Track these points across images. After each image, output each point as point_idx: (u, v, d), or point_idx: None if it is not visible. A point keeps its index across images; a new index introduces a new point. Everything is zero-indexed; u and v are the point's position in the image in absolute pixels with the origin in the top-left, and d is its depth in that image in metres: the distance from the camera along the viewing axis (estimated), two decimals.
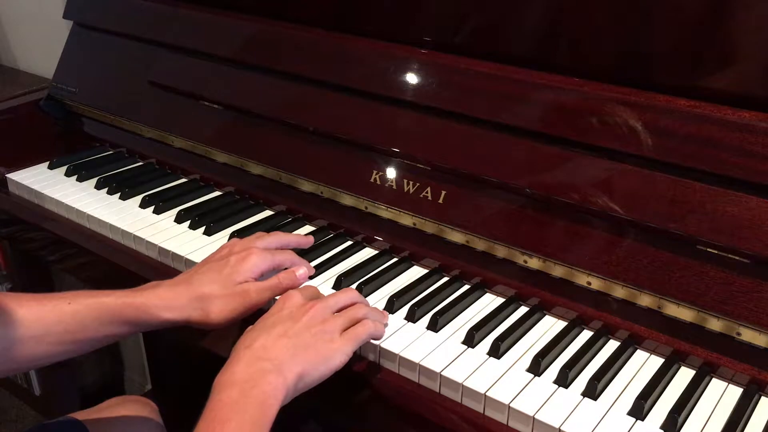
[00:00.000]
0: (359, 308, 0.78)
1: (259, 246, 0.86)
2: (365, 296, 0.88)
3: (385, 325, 0.81)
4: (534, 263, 0.86)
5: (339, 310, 0.78)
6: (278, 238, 0.91)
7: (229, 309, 0.81)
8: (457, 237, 0.92)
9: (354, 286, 0.89)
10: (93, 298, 0.80)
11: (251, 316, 0.81)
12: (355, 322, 0.76)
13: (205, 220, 1.03)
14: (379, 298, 0.87)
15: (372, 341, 0.79)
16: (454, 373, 0.75)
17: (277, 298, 0.83)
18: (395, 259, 0.96)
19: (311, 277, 0.91)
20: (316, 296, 0.81)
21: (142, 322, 0.80)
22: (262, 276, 0.85)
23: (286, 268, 0.88)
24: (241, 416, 0.64)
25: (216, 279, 0.82)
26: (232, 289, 0.81)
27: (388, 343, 0.79)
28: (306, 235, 1.00)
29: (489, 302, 0.88)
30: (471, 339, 0.80)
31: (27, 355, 0.78)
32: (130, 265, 1.01)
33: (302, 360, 0.70)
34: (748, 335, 0.75)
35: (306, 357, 0.70)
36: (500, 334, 0.80)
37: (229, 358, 0.71)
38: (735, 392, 0.74)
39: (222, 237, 1.00)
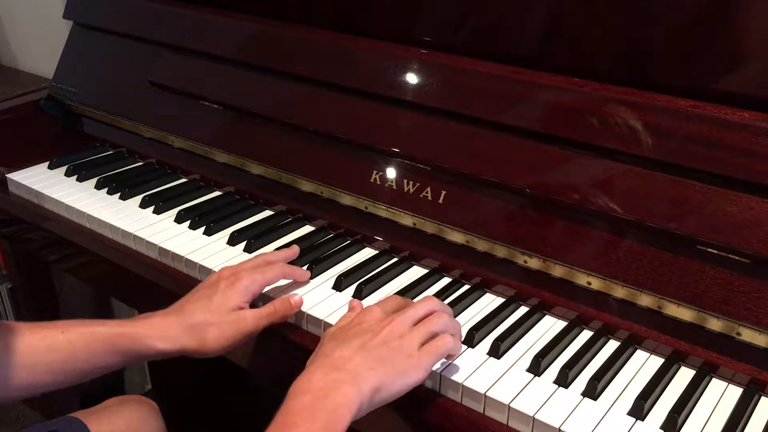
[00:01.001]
0: (437, 319, 0.76)
1: (246, 268, 0.86)
2: (365, 296, 0.88)
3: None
4: (534, 263, 0.86)
5: (419, 319, 0.76)
6: (264, 256, 0.91)
7: (225, 337, 0.80)
8: (457, 237, 0.92)
9: (354, 286, 0.89)
10: (86, 328, 0.80)
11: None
12: (434, 335, 0.75)
13: (205, 220, 1.03)
14: (378, 298, 0.87)
15: None
16: (454, 373, 0.75)
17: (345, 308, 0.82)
18: (395, 259, 0.96)
19: (310, 272, 0.91)
20: (396, 308, 0.78)
21: (136, 353, 0.80)
22: (255, 297, 0.85)
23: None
24: (311, 423, 0.64)
25: (208, 306, 0.81)
26: (227, 317, 0.81)
27: None
28: (306, 234, 1.00)
29: (489, 302, 0.88)
30: (471, 339, 0.80)
31: (19, 384, 0.78)
32: (130, 265, 1.01)
33: (379, 373, 0.69)
34: (748, 335, 0.75)
35: (383, 371, 0.69)
36: (500, 334, 0.80)
37: (308, 364, 0.71)
38: (735, 392, 0.74)
39: (222, 237, 1.00)
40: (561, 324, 0.84)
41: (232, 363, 0.93)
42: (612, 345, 0.81)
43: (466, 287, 0.90)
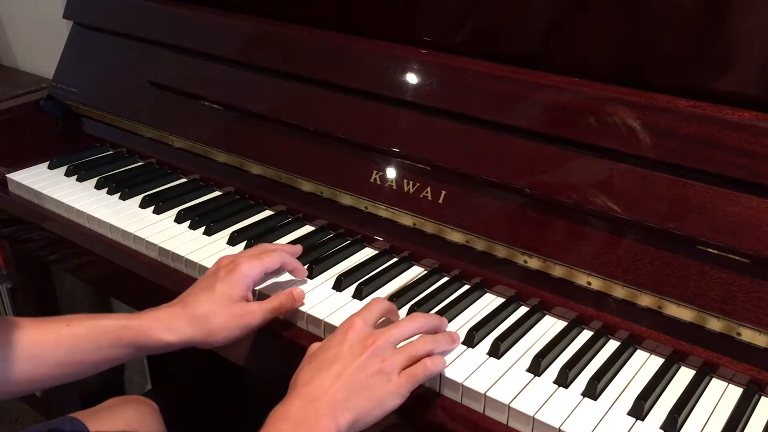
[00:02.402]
0: (422, 344, 0.75)
1: (246, 255, 0.86)
2: (365, 296, 0.88)
3: (451, 350, 0.79)
4: (534, 263, 0.86)
5: (403, 338, 0.75)
6: (262, 245, 0.91)
7: (231, 328, 0.80)
8: (457, 237, 0.92)
9: (354, 286, 0.89)
10: (92, 321, 0.80)
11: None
12: (416, 360, 0.74)
13: (205, 220, 1.03)
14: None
15: None
16: (454, 373, 0.75)
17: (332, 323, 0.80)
18: (395, 259, 0.96)
19: (310, 272, 0.91)
20: (380, 316, 0.77)
21: (142, 345, 0.80)
22: (256, 284, 0.85)
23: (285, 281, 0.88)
24: None
25: (211, 297, 0.81)
26: (232, 309, 0.81)
27: None
28: (306, 234, 1.00)
29: (489, 302, 0.88)
30: (471, 339, 0.80)
31: (25, 379, 0.77)
32: (130, 265, 1.01)
33: (357, 404, 0.69)
34: (748, 335, 0.75)
35: (361, 401, 0.69)
36: (500, 334, 0.80)
37: (290, 387, 0.71)
38: (735, 392, 0.74)
39: (222, 237, 1.00)
40: (561, 324, 0.84)
41: (232, 363, 0.93)
42: (612, 345, 0.81)
43: (466, 287, 0.90)
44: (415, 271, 0.94)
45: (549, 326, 0.84)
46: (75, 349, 0.79)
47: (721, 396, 0.74)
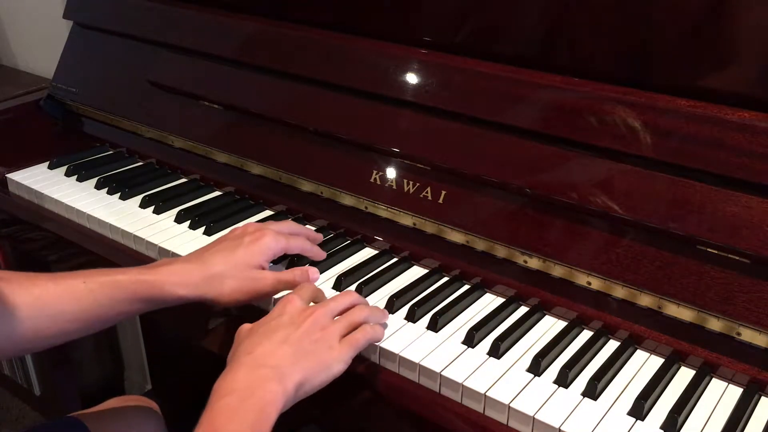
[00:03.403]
0: (358, 312, 0.78)
1: (273, 229, 0.88)
2: (365, 296, 0.88)
3: (385, 325, 0.81)
4: (534, 263, 0.86)
5: (340, 313, 0.78)
6: (291, 224, 0.93)
7: (241, 291, 0.82)
8: (457, 237, 0.92)
9: (354, 286, 0.89)
10: (107, 277, 0.81)
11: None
12: (355, 327, 0.76)
13: (205, 220, 1.03)
14: (379, 298, 0.87)
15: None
16: (454, 373, 0.75)
17: (278, 296, 0.83)
18: (395, 259, 0.96)
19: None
20: (315, 298, 0.81)
21: (156, 299, 0.81)
22: (274, 258, 0.86)
23: (296, 261, 0.88)
24: (239, 424, 0.64)
25: (229, 258, 0.83)
26: (246, 273, 0.82)
27: (389, 343, 0.79)
28: None
29: (489, 302, 0.88)
30: (471, 339, 0.80)
31: (44, 334, 0.79)
32: (130, 265, 1.01)
33: (303, 368, 0.70)
34: (748, 335, 0.75)
35: (306, 365, 0.70)
36: (500, 334, 0.80)
37: (228, 362, 0.71)
38: (735, 392, 0.74)
39: None
40: (561, 324, 0.84)
41: None
42: (612, 345, 0.81)
43: (466, 287, 0.90)
44: (415, 271, 0.94)
45: (549, 326, 0.84)
46: (91, 305, 0.80)
47: (721, 396, 0.74)
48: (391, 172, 0.97)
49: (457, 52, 0.96)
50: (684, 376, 0.76)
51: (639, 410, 0.71)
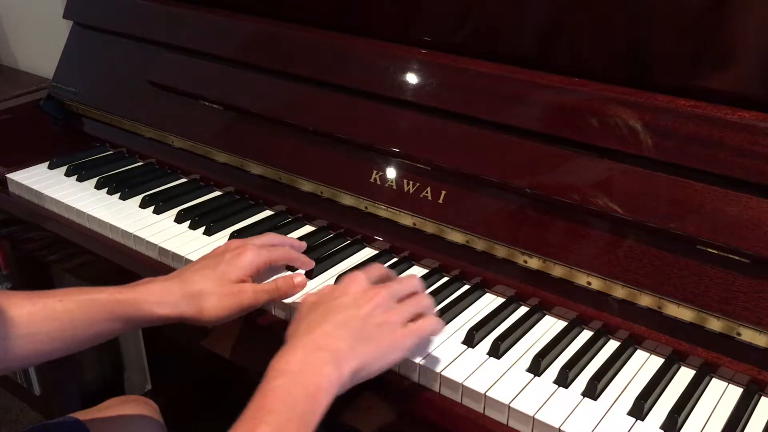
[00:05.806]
0: (422, 300, 0.75)
1: (255, 243, 0.86)
2: None
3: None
4: (534, 263, 0.86)
5: (402, 298, 0.75)
6: (272, 236, 0.91)
7: (223, 307, 0.80)
8: (457, 237, 0.92)
9: None
10: (84, 296, 0.79)
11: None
12: (418, 315, 0.74)
13: (205, 220, 1.03)
14: None
15: None
16: (454, 373, 0.75)
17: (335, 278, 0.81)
18: (395, 259, 0.96)
19: (310, 272, 0.91)
20: (380, 279, 0.78)
21: (135, 319, 0.79)
22: (258, 274, 0.85)
23: (287, 269, 0.88)
24: (290, 409, 0.62)
25: (210, 276, 0.81)
26: (228, 288, 0.80)
27: None
28: (306, 234, 1.00)
29: (489, 302, 0.88)
30: (471, 339, 0.80)
31: (18, 354, 0.77)
32: (130, 265, 1.01)
33: (361, 353, 0.68)
34: (748, 335, 0.75)
35: (366, 350, 0.68)
36: (500, 334, 0.80)
37: (287, 337, 0.69)
38: (735, 392, 0.74)
39: (222, 237, 1.00)
40: (561, 324, 0.84)
41: (232, 362, 0.93)
42: (612, 345, 0.81)
43: (466, 287, 0.90)
44: (415, 271, 0.94)
45: (549, 326, 0.84)
46: (68, 325, 0.78)
47: (721, 396, 0.74)
48: (391, 172, 0.97)
49: (457, 52, 0.96)
50: (684, 376, 0.76)
51: (639, 410, 0.71)
